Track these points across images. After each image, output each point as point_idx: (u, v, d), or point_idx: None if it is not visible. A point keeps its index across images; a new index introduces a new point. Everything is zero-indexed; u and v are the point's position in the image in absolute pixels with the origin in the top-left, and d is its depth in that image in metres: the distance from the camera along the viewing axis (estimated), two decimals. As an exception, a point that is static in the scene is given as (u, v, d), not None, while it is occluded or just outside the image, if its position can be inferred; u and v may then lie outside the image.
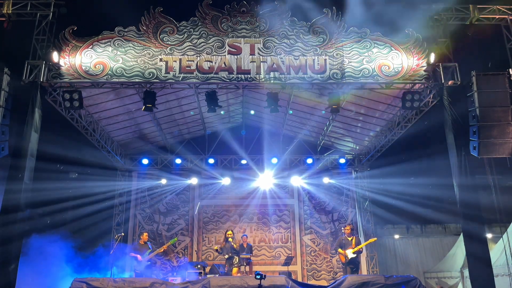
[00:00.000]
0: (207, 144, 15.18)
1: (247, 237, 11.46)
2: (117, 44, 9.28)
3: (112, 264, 9.63)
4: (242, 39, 9.48)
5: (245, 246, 10.99)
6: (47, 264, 10.06)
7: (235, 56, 9.36)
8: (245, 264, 10.50)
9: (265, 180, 14.47)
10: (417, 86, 9.49)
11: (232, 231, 11.05)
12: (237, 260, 10.47)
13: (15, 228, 7.94)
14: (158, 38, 9.36)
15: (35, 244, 10.19)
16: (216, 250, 11.04)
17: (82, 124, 10.76)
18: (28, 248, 9.76)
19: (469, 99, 8.82)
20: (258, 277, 7.17)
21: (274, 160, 14.14)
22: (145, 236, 10.73)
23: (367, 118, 12.39)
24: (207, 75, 9.23)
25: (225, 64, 9.31)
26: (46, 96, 9.21)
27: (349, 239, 10.47)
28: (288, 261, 11.85)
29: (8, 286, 7.61)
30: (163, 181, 14.42)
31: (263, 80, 9.28)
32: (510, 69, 8.87)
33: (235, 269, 10.34)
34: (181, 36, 9.42)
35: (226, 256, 10.63)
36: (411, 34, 9.49)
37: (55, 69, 9.00)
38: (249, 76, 9.29)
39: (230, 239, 10.68)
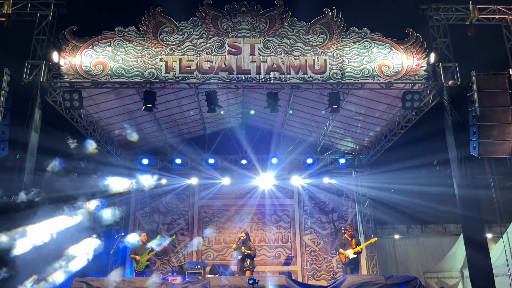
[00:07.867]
0: (207, 144, 15.19)
1: None
2: (117, 44, 9.28)
3: (112, 264, 9.62)
4: (242, 39, 9.48)
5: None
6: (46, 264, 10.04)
7: (235, 56, 9.36)
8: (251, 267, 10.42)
9: (265, 180, 14.46)
10: (417, 86, 9.49)
11: (245, 233, 10.67)
12: (248, 263, 10.35)
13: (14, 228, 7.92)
14: (158, 38, 9.35)
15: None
16: (235, 249, 10.79)
17: (82, 124, 10.76)
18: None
19: (469, 99, 8.82)
20: (251, 282, 7.17)
21: (274, 160, 14.15)
22: (144, 236, 10.72)
23: (367, 118, 12.38)
24: (207, 75, 9.23)
25: (225, 64, 9.30)
26: (46, 96, 9.20)
27: (349, 239, 10.46)
28: (288, 261, 11.83)
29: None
30: (163, 181, 14.40)
31: (263, 80, 9.28)
32: (510, 69, 8.87)
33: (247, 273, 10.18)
34: (181, 36, 9.41)
35: (240, 257, 10.58)
36: (411, 34, 9.49)
37: (55, 69, 9.00)
38: (249, 76, 9.29)
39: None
